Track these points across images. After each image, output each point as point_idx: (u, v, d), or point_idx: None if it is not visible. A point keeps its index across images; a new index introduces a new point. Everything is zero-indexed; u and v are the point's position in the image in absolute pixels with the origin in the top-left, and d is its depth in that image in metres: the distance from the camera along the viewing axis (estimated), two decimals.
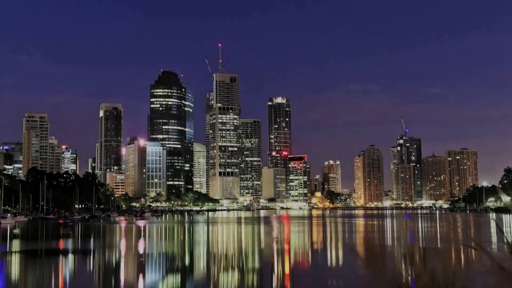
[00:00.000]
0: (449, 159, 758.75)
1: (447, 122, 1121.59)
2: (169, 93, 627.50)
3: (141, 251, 60.08)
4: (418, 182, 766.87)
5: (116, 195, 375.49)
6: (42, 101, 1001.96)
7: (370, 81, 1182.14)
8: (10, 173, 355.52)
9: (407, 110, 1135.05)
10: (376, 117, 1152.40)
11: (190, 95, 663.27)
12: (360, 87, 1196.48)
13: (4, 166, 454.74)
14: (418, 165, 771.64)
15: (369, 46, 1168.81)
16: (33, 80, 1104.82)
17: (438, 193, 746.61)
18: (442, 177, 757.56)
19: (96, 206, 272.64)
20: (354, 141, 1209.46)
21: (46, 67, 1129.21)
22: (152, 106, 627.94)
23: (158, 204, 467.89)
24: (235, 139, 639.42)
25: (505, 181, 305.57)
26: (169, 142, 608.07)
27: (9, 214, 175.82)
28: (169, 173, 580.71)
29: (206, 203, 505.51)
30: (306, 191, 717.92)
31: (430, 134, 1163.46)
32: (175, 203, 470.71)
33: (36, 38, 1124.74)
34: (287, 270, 41.86)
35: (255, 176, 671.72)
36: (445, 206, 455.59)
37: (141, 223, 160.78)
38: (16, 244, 76.65)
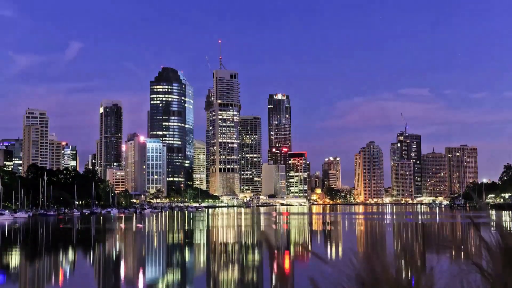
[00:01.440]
0: (449, 155, 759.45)
1: (447, 120, 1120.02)
2: (169, 90, 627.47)
3: None
4: (418, 179, 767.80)
5: (116, 192, 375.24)
6: (42, 97, 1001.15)
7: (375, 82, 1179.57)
8: (10, 169, 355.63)
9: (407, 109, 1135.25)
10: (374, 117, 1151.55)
11: (190, 92, 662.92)
12: (363, 86, 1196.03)
13: (4, 162, 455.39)
14: (418, 162, 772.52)
15: (371, 43, 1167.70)
16: (33, 76, 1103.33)
17: (438, 189, 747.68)
18: (442, 173, 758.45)
19: (96, 202, 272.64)
20: (354, 137, 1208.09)
21: (46, 63, 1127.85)
22: (152, 102, 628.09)
23: (158, 200, 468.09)
24: (235, 136, 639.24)
25: (505, 178, 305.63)
26: (169, 139, 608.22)
27: (7, 211, 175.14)
28: (169, 169, 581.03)
29: (206, 200, 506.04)
30: (306, 188, 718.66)
31: (430, 132, 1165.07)
32: (175, 199, 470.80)
33: (35, 36, 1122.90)
34: None
35: (255, 172, 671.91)
36: (445, 202, 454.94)
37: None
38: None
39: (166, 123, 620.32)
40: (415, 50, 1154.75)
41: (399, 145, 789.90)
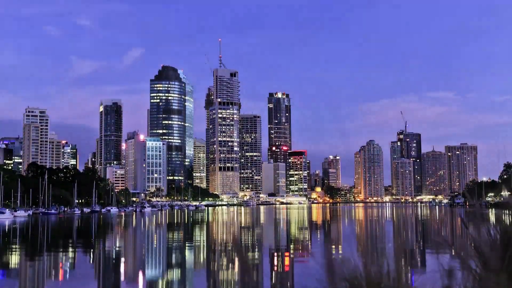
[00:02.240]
0: (449, 154, 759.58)
1: (447, 119, 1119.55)
2: (169, 88, 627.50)
3: None
4: (418, 177, 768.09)
5: (116, 190, 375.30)
6: (42, 95, 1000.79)
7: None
8: (10, 168, 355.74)
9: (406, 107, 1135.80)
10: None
11: (190, 90, 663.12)
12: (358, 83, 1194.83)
13: (4, 161, 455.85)
14: (418, 160, 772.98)
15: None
16: (33, 75, 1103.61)
17: (438, 188, 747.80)
18: (442, 172, 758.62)
19: (96, 201, 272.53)
20: (354, 136, 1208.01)
21: (46, 62, 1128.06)
22: (152, 101, 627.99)
23: (158, 199, 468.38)
24: (235, 134, 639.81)
25: (505, 176, 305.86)
26: (169, 137, 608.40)
27: (8, 210, 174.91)
28: (169, 168, 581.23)
29: (206, 198, 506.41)
30: (306, 186, 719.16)
31: (430, 130, 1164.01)
32: (175, 198, 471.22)
33: (37, 33, 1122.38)
34: None
35: (255, 171, 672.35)
36: (445, 201, 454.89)
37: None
38: None
39: (166, 122, 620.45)
40: (442, 52, 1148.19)
41: (399, 143, 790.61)
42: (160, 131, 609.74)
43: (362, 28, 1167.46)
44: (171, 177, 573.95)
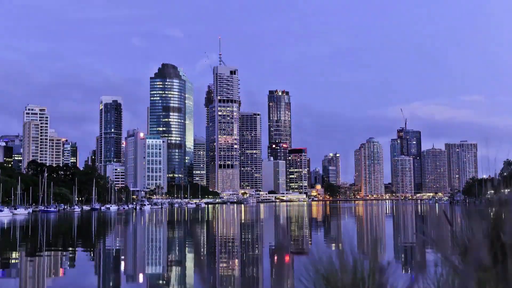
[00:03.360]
0: (449, 151, 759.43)
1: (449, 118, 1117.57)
2: (169, 86, 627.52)
3: None
4: (418, 175, 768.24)
5: (116, 188, 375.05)
6: (42, 93, 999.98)
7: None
8: (10, 166, 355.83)
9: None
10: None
11: (190, 88, 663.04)
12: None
13: (4, 158, 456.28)
14: (418, 158, 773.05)
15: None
16: (33, 73, 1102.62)
17: (438, 185, 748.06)
18: (442, 169, 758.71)
19: (96, 198, 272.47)
20: (354, 133, 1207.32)
21: (46, 60, 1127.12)
22: (152, 98, 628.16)
23: (158, 197, 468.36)
24: (235, 132, 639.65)
25: (505, 174, 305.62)
26: (169, 135, 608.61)
27: (6, 208, 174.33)
28: (169, 166, 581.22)
29: (206, 196, 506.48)
30: (306, 184, 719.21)
31: (430, 128, 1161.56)
32: (175, 196, 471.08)
33: (37, 32, 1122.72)
34: None
35: (255, 168, 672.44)
36: (445, 198, 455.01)
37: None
38: None
39: (166, 119, 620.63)
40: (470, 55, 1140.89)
41: (399, 141, 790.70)
42: (160, 129, 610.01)
43: (371, 31, 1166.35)
44: (171, 175, 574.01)
